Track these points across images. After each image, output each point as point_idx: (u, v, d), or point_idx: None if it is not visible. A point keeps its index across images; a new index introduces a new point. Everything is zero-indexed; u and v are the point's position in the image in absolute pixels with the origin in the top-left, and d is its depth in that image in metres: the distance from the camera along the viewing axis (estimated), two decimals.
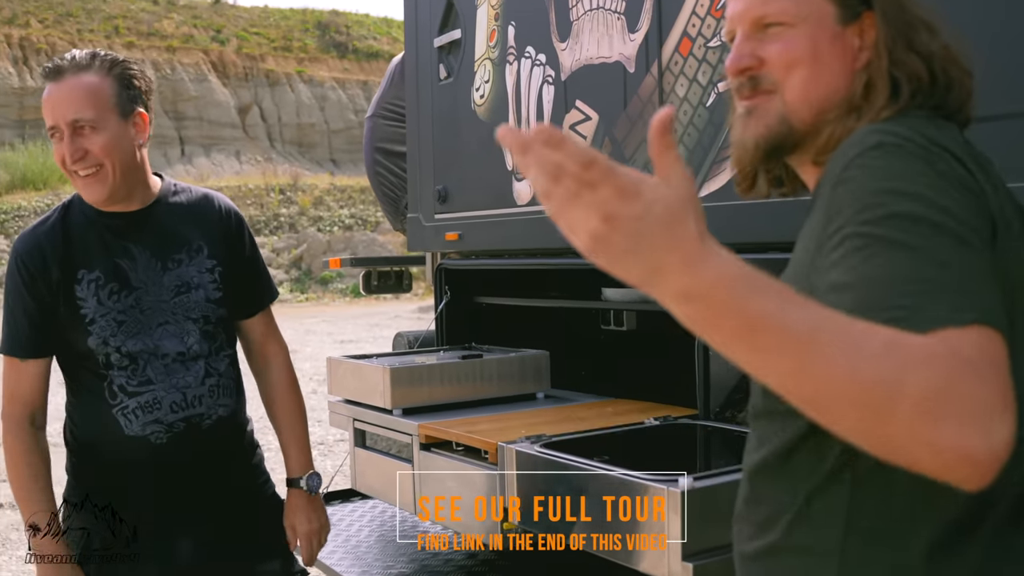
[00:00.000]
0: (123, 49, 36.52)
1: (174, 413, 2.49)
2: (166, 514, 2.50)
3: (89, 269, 2.44)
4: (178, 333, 2.51)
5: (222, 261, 2.60)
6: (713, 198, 2.74)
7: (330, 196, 32.07)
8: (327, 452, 9.14)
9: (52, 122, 2.41)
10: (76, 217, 2.50)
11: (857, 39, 1.42)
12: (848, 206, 1.19)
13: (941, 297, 1.07)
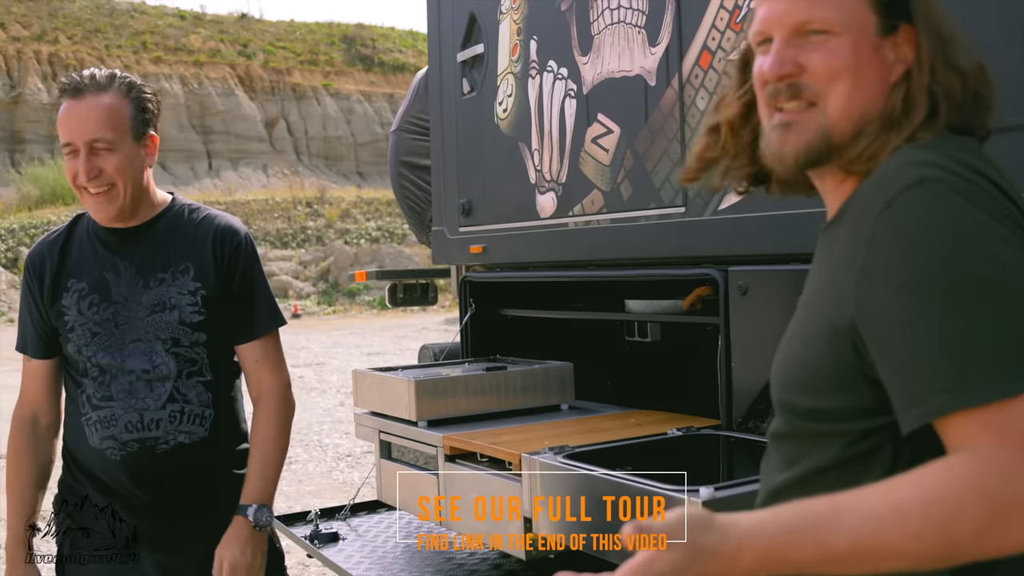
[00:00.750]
0: (151, 64, 36.88)
1: (128, 433, 2.48)
2: (129, 530, 2.51)
3: (77, 279, 2.55)
4: (147, 352, 2.50)
5: (207, 285, 2.55)
6: (733, 210, 2.76)
7: (357, 209, 32.22)
8: (355, 464, 9.16)
9: (69, 139, 2.46)
10: (80, 229, 2.63)
11: (892, 52, 1.40)
12: (896, 256, 1.21)
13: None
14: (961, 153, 1.29)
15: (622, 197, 3.16)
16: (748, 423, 2.78)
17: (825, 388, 1.33)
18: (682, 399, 3.33)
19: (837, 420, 1.32)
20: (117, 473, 2.50)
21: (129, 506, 2.51)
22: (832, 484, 1.27)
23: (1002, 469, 1.10)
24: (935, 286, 1.17)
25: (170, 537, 2.55)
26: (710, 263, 2.88)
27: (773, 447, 1.47)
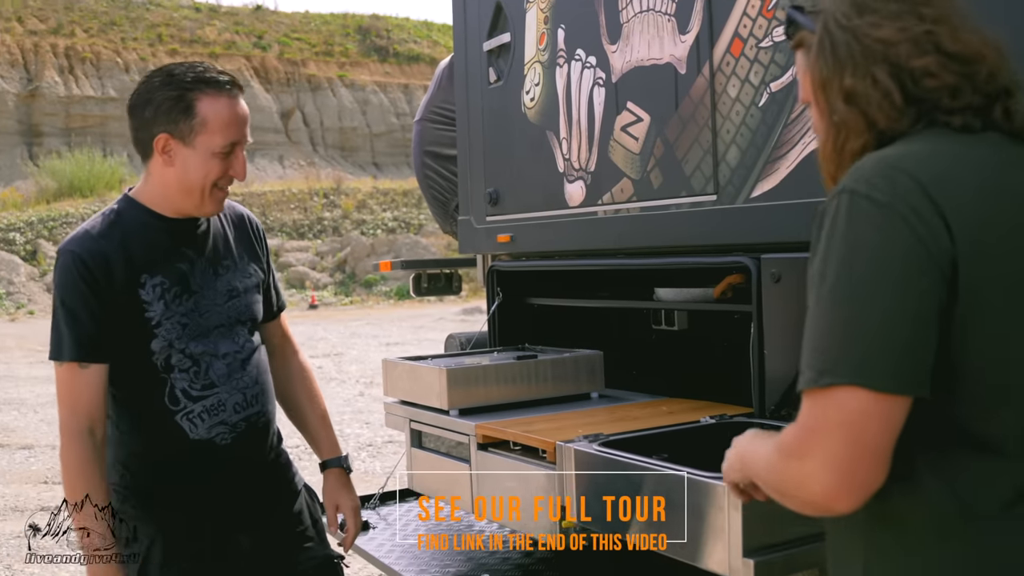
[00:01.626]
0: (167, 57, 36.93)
1: (237, 413, 2.54)
2: (227, 512, 2.54)
3: (151, 273, 2.45)
4: (231, 335, 2.57)
5: (260, 268, 2.69)
6: (766, 197, 2.76)
7: (373, 199, 32.24)
8: (376, 454, 9.19)
9: (237, 138, 2.44)
10: (131, 222, 2.50)
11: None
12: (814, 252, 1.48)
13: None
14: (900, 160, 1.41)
15: (652, 185, 3.15)
16: (781, 410, 2.78)
17: None
18: (712, 387, 3.33)
19: None
20: (226, 457, 2.52)
21: (233, 490, 2.55)
22: None
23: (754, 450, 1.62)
24: (825, 286, 1.43)
25: (265, 511, 2.61)
26: (742, 251, 2.87)
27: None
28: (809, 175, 2.62)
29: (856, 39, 1.47)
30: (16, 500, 7.58)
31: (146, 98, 2.44)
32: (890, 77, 1.45)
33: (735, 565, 2.08)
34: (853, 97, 1.48)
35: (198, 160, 2.42)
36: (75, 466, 2.37)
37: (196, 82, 2.41)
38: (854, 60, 1.47)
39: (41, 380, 13.73)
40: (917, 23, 1.45)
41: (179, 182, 2.45)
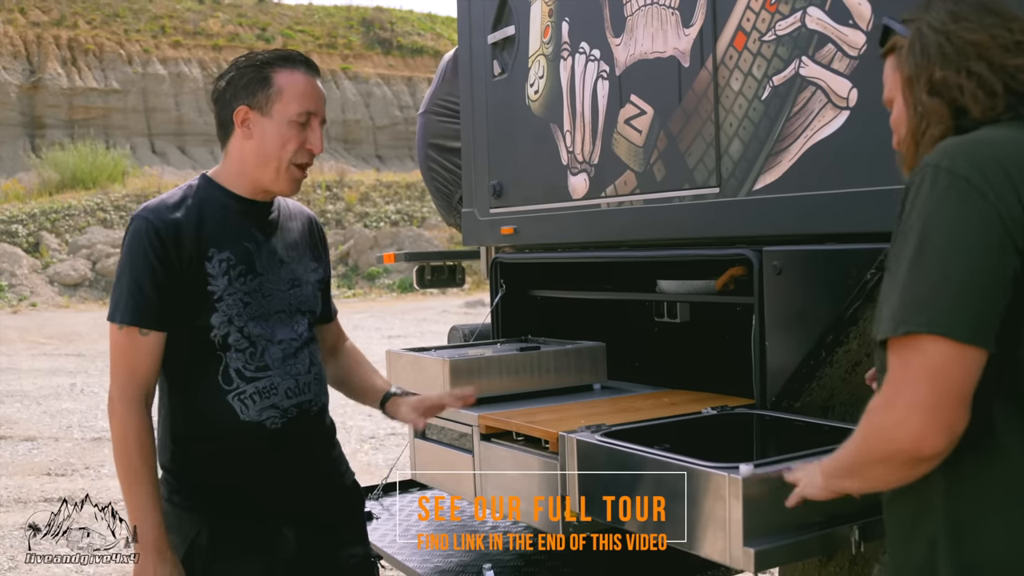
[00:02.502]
0: (170, 49, 37.00)
1: (289, 399, 2.53)
2: (274, 500, 2.53)
3: (220, 248, 2.47)
4: (289, 323, 2.58)
5: (321, 267, 2.73)
6: (768, 190, 2.77)
7: (376, 192, 32.24)
8: (378, 446, 9.21)
9: (313, 108, 2.51)
10: (207, 198, 2.53)
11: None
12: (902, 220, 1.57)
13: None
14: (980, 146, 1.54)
15: (655, 178, 3.17)
16: (783, 402, 2.80)
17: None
18: (713, 379, 3.35)
19: None
20: (276, 442, 2.52)
21: (281, 477, 2.55)
22: None
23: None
24: (907, 247, 1.52)
25: (312, 505, 2.61)
26: (744, 243, 2.89)
27: (879, 384, 1.68)
28: (811, 168, 2.64)
29: (949, 40, 1.64)
30: (19, 492, 7.61)
31: (227, 81, 2.51)
32: (987, 70, 1.61)
33: (735, 554, 2.10)
34: (940, 88, 1.63)
35: (275, 129, 2.47)
36: (135, 432, 2.37)
37: (273, 58, 2.51)
38: (945, 56, 1.63)
39: (44, 372, 13.78)
40: (1008, 33, 1.62)
41: (257, 153, 2.49)
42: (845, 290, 2.57)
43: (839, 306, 2.60)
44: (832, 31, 2.55)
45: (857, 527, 2.18)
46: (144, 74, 36.82)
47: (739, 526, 2.08)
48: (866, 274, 2.50)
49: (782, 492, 2.14)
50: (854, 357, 2.75)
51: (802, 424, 2.68)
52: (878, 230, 2.47)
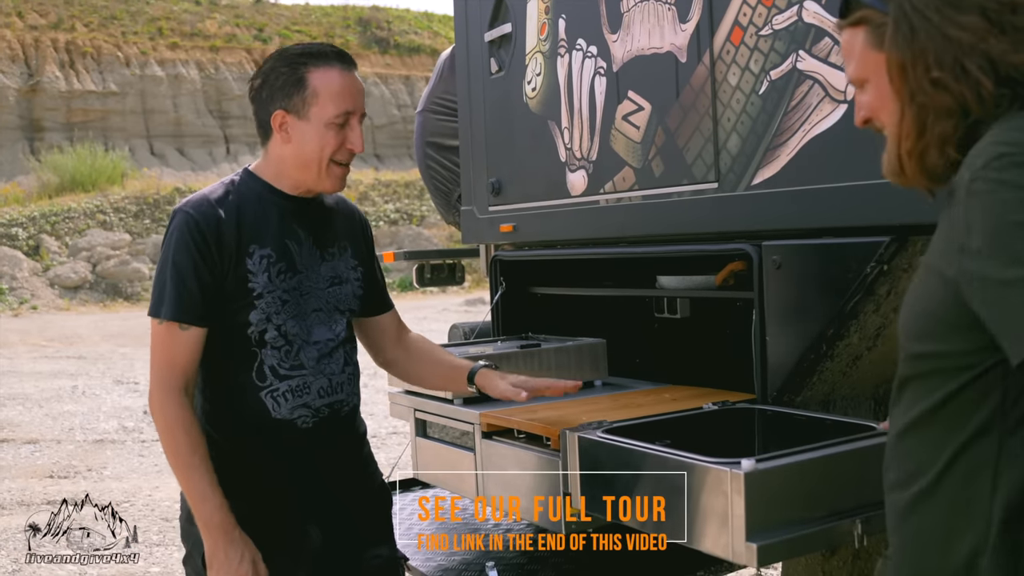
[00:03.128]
0: (167, 51, 36.98)
1: (321, 398, 2.54)
2: (302, 499, 2.54)
3: (261, 245, 2.47)
4: (327, 321, 2.58)
5: (362, 263, 2.72)
6: (767, 185, 2.77)
7: (375, 191, 32.24)
8: (380, 445, 9.22)
9: (352, 107, 2.48)
10: (248, 193, 2.52)
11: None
12: (979, 225, 1.39)
13: None
14: None
15: (654, 174, 3.17)
16: (783, 396, 2.80)
17: (940, 333, 1.52)
18: (714, 374, 3.35)
19: (952, 361, 1.51)
20: (308, 441, 2.53)
21: (309, 475, 2.55)
22: (948, 419, 1.52)
23: None
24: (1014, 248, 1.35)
25: (339, 504, 2.61)
26: (743, 238, 2.89)
27: (898, 393, 1.64)
28: (810, 162, 2.64)
29: (938, 30, 1.50)
30: (22, 495, 7.62)
31: (262, 79, 2.49)
32: (980, 70, 1.48)
33: (738, 549, 2.09)
34: (942, 83, 1.50)
35: (313, 132, 2.46)
36: (177, 420, 2.39)
37: (305, 56, 2.47)
38: (937, 49, 1.50)
39: (45, 375, 13.78)
40: (1002, 6, 1.48)
41: (296, 157, 2.49)
42: (845, 284, 2.57)
43: (839, 300, 2.60)
44: (829, 25, 2.55)
45: (860, 521, 2.17)
46: (142, 76, 36.77)
47: (741, 521, 2.08)
48: (866, 267, 2.50)
49: (785, 486, 2.15)
50: (855, 351, 2.75)
51: (804, 418, 2.67)
52: (877, 223, 2.48)
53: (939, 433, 1.54)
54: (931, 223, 2.31)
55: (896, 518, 1.64)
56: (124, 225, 28.07)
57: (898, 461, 1.63)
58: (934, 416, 1.55)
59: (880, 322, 2.69)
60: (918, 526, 1.58)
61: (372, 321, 2.84)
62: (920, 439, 1.57)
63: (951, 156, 1.53)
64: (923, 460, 1.56)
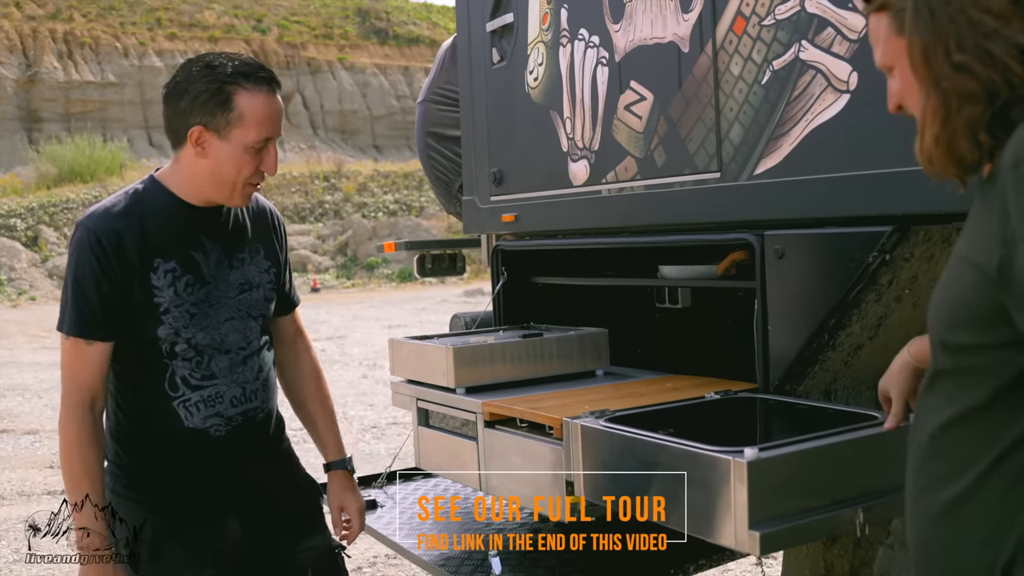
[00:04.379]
0: (166, 41, 36.94)
1: (234, 407, 2.57)
2: (217, 501, 2.57)
3: (165, 258, 2.46)
4: (241, 329, 2.59)
5: (275, 263, 2.71)
6: (769, 175, 2.77)
7: (374, 182, 32.26)
8: (380, 435, 9.23)
9: (272, 133, 2.46)
10: (151, 204, 2.50)
11: None
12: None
13: None
14: None
15: (656, 163, 3.17)
16: (785, 386, 2.81)
17: (976, 325, 1.49)
18: (715, 364, 3.35)
19: (990, 353, 1.49)
20: (219, 449, 2.55)
21: (224, 479, 2.58)
22: (991, 419, 1.51)
23: None
24: None
25: (257, 499, 2.64)
26: (745, 228, 2.89)
27: (931, 386, 1.64)
28: (812, 152, 2.64)
29: (960, 11, 1.46)
30: (22, 485, 7.63)
31: (184, 88, 2.43)
32: (1008, 53, 1.44)
33: (741, 537, 2.10)
34: (965, 68, 1.46)
35: (231, 154, 2.43)
36: (75, 440, 2.40)
37: (235, 75, 2.42)
38: (958, 32, 1.46)
39: (45, 366, 13.77)
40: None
41: (211, 175, 2.46)
42: (847, 273, 2.57)
43: (842, 290, 2.60)
44: (832, 14, 2.55)
45: (862, 510, 2.18)
46: (140, 67, 36.76)
47: (744, 509, 2.09)
48: (868, 257, 2.51)
49: (788, 474, 2.16)
50: (856, 340, 2.76)
51: (806, 407, 2.68)
52: (880, 213, 2.48)
53: (983, 433, 1.52)
54: (933, 212, 2.35)
55: (928, 514, 1.62)
56: None
57: (935, 457, 1.61)
58: (978, 415, 1.53)
59: (882, 312, 2.70)
60: (957, 526, 1.56)
61: (273, 322, 2.82)
62: (961, 437, 1.56)
63: (984, 142, 1.48)
64: (965, 459, 1.54)
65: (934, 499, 1.61)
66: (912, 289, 2.68)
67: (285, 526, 2.69)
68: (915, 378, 2.18)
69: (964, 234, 1.57)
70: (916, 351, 2.12)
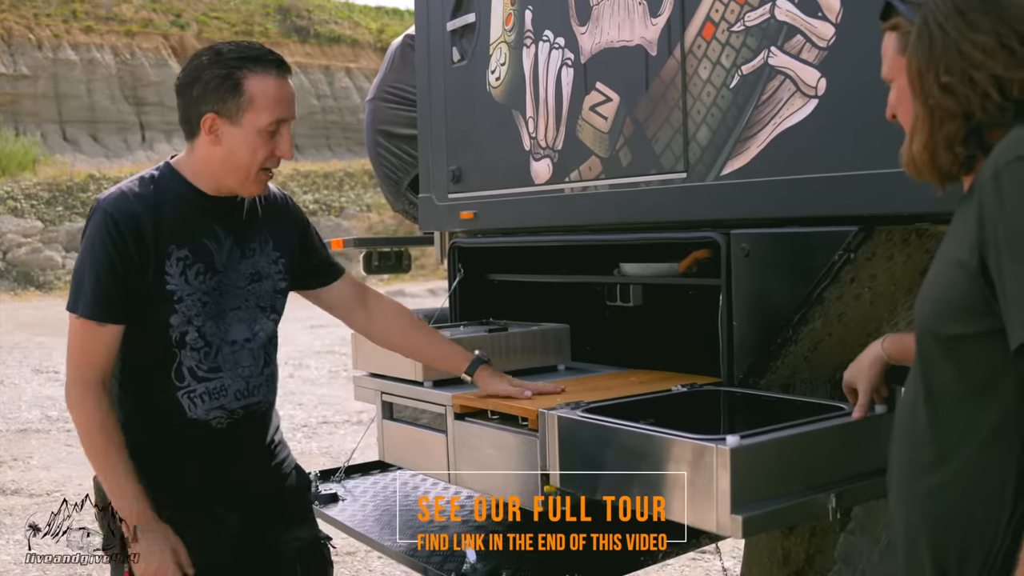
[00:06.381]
0: (81, 35, 36.18)
1: (237, 401, 2.59)
2: (215, 492, 2.58)
3: (179, 246, 2.47)
4: (247, 320, 2.60)
5: (285, 253, 2.73)
6: (736, 175, 2.86)
7: (294, 182, 31.97)
8: (311, 434, 9.22)
9: (285, 115, 2.47)
10: (168, 191, 2.51)
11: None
12: (1001, 218, 1.54)
13: None
14: None
15: (621, 163, 3.25)
16: (748, 379, 2.90)
17: (960, 316, 1.64)
18: (673, 359, 3.44)
19: (973, 343, 1.64)
20: (219, 440, 2.57)
21: (223, 471, 2.59)
22: (978, 407, 1.65)
23: None
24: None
25: (254, 492, 2.66)
26: (711, 227, 2.98)
27: (917, 376, 1.78)
28: (779, 154, 2.74)
29: (954, 43, 1.67)
30: None
31: (194, 77, 2.46)
32: (989, 83, 1.64)
33: (723, 522, 2.18)
34: (950, 89, 1.67)
35: (245, 139, 2.45)
36: (97, 417, 2.42)
37: (243, 60, 2.45)
38: (948, 59, 1.67)
39: None
40: (1013, 34, 1.64)
41: (225, 161, 2.49)
42: (812, 271, 2.67)
43: (806, 287, 2.70)
44: (801, 23, 2.65)
45: (834, 495, 2.28)
46: (55, 59, 35.94)
47: (727, 495, 2.17)
48: (833, 256, 2.61)
49: (767, 461, 2.25)
50: (817, 336, 2.86)
51: (773, 399, 2.78)
52: (844, 213, 2.59)
53: (970, 420, 1.66)
54: (896, 213, 2.46)
55: (915, 499, 1.76)
56: (36, 212, 27.50)
57: (922, 444, 1.74)
58: (964, 402, 1.67)
59: (842, 309, 2.80)
60: (945, 511, 1.70)
61: (325, 292, 2.93)
62: (948, 424, 1.70)
63: (959, 153, 1.70)
64: (953, 445, 1.68)
65: (921, 485, 1.74)
66: (871, 287, 2.79)
67: (276, 518, 2.71)
68: (884, 372, 2.32)
69: (949, 235, 1.74)
70: (892, 347, 2.26)
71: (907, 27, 1.77)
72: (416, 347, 3.07)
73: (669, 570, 5.52)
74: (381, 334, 3.04)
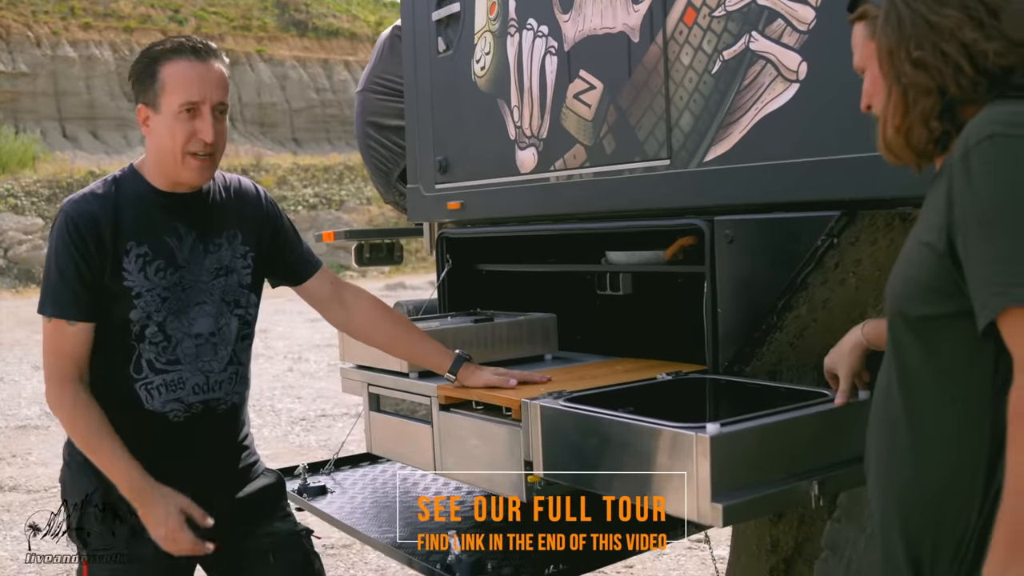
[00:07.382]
0: (80, 31, 36.19)
1: (195, 395, 2.60)
2: (173, 485, 2.55)
3: (138, 243, 2.52)
4: (213, 314, 2.62)
5: (255, 247, 2.73)
6: (719, 162, 2.85)
7: (293, 176, 31.99)
8: (309, 428, 9.22)
9: (198, 97, 2.47)
10: (128, 191, 2.57)
11: None
12: (971, 197, 1.54)
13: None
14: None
15: (605, 151, 3.23)
16: (734, 367, 2.88)
17: (929, 298, 1.65)
18: (660, 347, 3.43)
19: (942, 324, 1.65)
20: (178, 434, 2.58)
21: (180, 465, 2.58)
22: (952, 388, 1.65)
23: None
24: (998, 220, 1.50)
25: (214, 488, 2.65)
26: (695, 214, 2.97)
27: (891, 360, 1.78)
28: (761, 139, 2.72)
29: (922, 17, 1.66)
30: None
31: (130, 76, 2.56)
32: (960, 54, 1.63)
33: (704, 510, 2.17)
34: (922, 63, 1.66)
35: (165, 123, 2.50)
36: (80, 410, 2.48)
37: (164, 51, 2.51)
38: (919, 34, 1.66)
39: None
40: (981, 6, 1.63)
41: (157, 150, 2.54)
42: (796, 257, 2.66)
43: (790, 273, 2.68)
44: (782, 7, 2.63)
45: (817, 482, 2.26)
46: (54, 57, 35.93)
47: (707, 483, 2.16)
48: (817, 241, 2.59)
49: (747, 449, 2.24)
50: (802, 322, 2.84)
51: (757, 387, 2.76)
52: (828, 198, 2.57)
53: (945, 402, 1.66)
54: (879, 198, 2.44)
55: (893, 481, 1.76)
56: (36, 209, 27.50)
57: (898, 428, 1.74)
58: (938, 383, 1.67)
59: (827, 294, 2.78)
60: (924, 493, 1.69)
61: (301, 289, 2.95)
62: (924, 407, 1.70)
63: (935, 129, 1.68)
64: (930, 428, 1.68)
65: (897, 473, 1.74)
66: (856, 272, 2.77)
67: (244, 516, 2.70)
68: (865, 357, 2.30)
69: (920, 218, 1.74)
70: (871, 332, 2.24)
71: (874, 12, 1.78)
72: (397, 344, 3.06)
73: (665, 559, 5.52)
74: (361, 331, 3.03)
